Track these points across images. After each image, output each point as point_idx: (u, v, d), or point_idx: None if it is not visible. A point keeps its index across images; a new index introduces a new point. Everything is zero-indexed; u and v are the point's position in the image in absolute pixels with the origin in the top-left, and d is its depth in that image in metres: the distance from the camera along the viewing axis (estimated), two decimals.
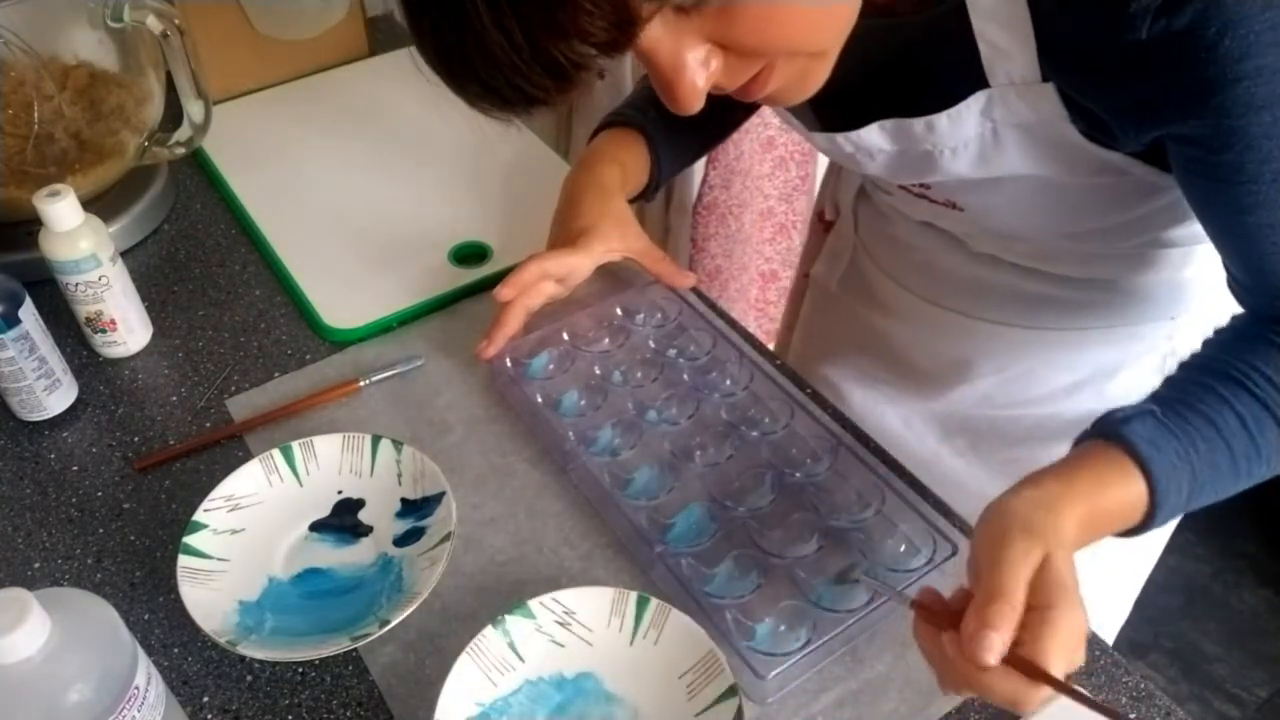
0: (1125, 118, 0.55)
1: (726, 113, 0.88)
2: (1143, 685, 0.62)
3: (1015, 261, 0.77)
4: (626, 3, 0.43)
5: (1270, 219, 0.54)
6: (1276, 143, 0.51)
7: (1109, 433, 0.56)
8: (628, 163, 0.84)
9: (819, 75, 0.54)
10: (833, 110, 0.69)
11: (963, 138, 0.62)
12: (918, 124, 0.63)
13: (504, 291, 0.78)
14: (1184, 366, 0.61)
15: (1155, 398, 0.58)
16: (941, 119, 0.61)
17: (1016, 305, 0.79)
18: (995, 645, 0.47)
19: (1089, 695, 0.49)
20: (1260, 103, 0.49)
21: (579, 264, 0.80)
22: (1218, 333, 0.62)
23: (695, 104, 0.50)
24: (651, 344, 0.81)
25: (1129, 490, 0.54)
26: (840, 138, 0.67)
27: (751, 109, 0.90)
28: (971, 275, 0.80)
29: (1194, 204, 0.58)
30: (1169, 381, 0.60)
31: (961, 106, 0.60)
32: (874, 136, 0.66)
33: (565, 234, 0.81)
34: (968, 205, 0.72)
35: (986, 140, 0.62)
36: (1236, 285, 0.61)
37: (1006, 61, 0.57)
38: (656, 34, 0.47)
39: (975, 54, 0.58)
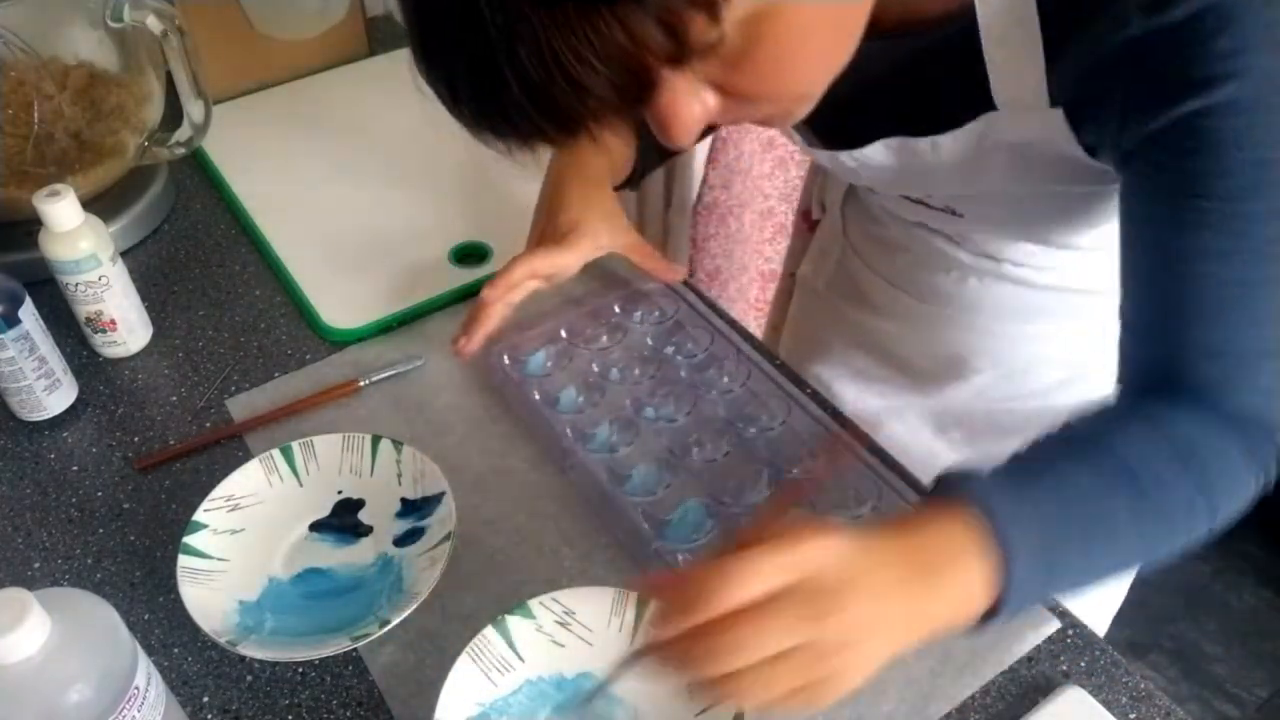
0: (1121, 121, 0.54)
1: None
2: (1143, 685, 0.62)
3: (1010, 260, 0.77)
4: (643, 65, 0.42)
5: (1205, 246, 0.52)
6: (1243, 154, 0.49)
7: (936, 488, 0.52)
8: (614, 149, 0.83)
9: (803, 111, 0.54)
10: (835, 128, 0.69)
11: (965, 155, 0.62)
12: (922, 143, 0.63)
13: (491, 293, 0.77)
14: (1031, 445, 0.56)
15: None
16: (946, 139, 0.61)
17: (1011, 304, 0.79)
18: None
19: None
20: (1242, 106, 0.48)
21: (567, 263, 0.78)
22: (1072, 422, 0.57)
23: (689, 142, 0.50)
24: (649, 341, 0.81)
25: (962, 537, 0.48)
26: (844, 155, 0.67)
27: None
28: (965, 275, 0.80)
29: (1128, 226, 0.56)
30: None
31: (968, 128, 0.60)
32: (878, 154, 0.65)
33: (551, 227, 0.80)
34: (967, 211, 0.72)
35: (989, 157, 0.62)
36: (1128, 336, 0.58)
37: (1015, 85, 0.57)
38: (661, 76, 0.45)
39: (982, 75, 0.57)
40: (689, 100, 0.47)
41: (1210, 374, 0.54)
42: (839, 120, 0.63)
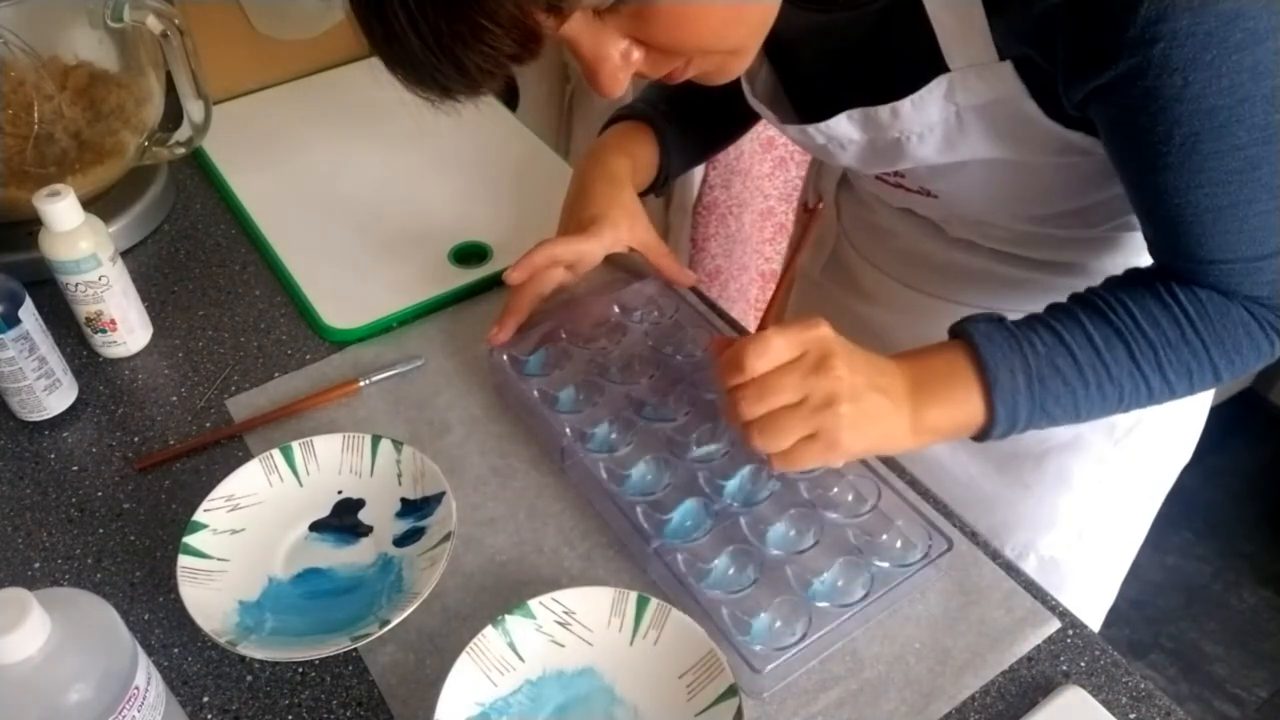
0: (1063, 78, 0.56)
1: (735, 114, 0.89)
2: (1143, 685, 0.62)
3: (992, 246, 0.78)
4: (528, 21, 0.46)
5: (1176, 183, 0.55)
6: (1187, 107, 0.52)
7: (951, 330, 0.63)
8: (637, 155, 0.85)
9: (737, 67, 0.57)
10: (805, 102, 0.72)
11: (928, 123, 0.63)
12: (883, 111, 0.64)
13: (514, 274, 0.78)
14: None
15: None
16: (906, 105, 0.62)
17: (994, 289, 0.80)
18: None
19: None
20: (1174, 65, 0.50)
21: (589, 250, 0.80)
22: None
23: (616, 92, 0.54)
24: (649, 341, 0.81)
25: (956, 358, 0.61)
26: (812, 129, 0.69)
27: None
28: (949, 260, 0.81)
29: (1113, 162, 0.60)
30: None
31: (924, 91, 0.61)
32: (843, 126, 0.67)
33: (575, 222, 0.82)
34: (941, 191, 0.73)
35: (951, 124, 0.63)
36: (1148, 241, 0.63)
37: (962, 44, 0.58)
38: (577, 29, 0.50)
39: (932, 39, 0.59)
40: (608, 50, 0.52)
41: (1214, 276, 0.60)
42: (809, 94, 0.69)
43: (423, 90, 0.52)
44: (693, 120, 0.87)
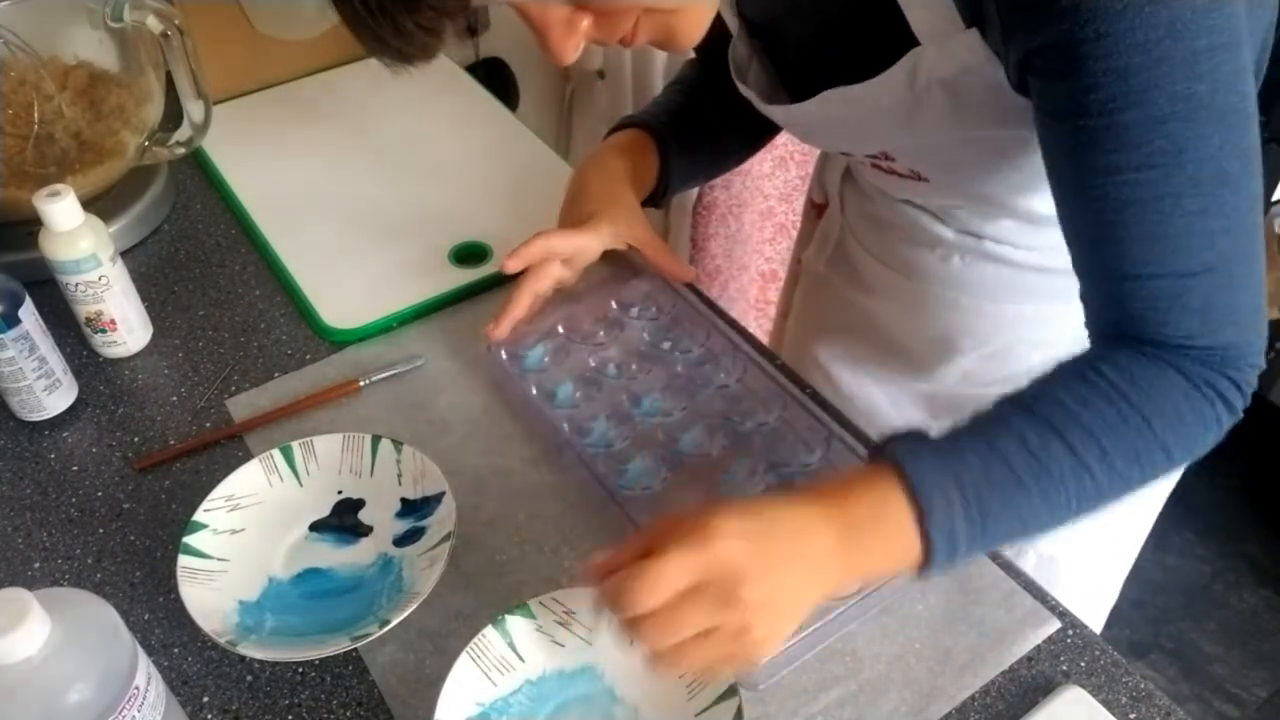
0: (1005, 48, 0.55)
1: (739, 134, 0.89)
2: (1143, 685, 0.62)
3: (990, 237, 0.78)
4: None
5: (1096, 164, 0.52)
6: (1101, 65, 0.50)
7: (872, 453, 0.56)
8: (637, 159, 0.85)
9: (687, 32, 0.58)
10: (793, 83, 0.72)
11: (902, 99, 0.63)
12: (858, 90, 0.64)
13: (511, 263, 0.79)
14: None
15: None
16: (879, 82, 0.63)
17: (993, 282, 0.80)
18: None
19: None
20: (1086, 15, 0.49)
21: (586, 244, 0.80)
22: None
23: (567, 57, 0.55)
24: (646, 336, 0.81)
25: (888, 495, 0.53)
26: (796, 109, 0.69)
27: (770, 134, 0.91)
28: (949, 253, 0.81)
29: (1047, 167, 0.57)
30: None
31: (896, 68, 0.61)
32: (824, 107, 0.67)
33: (573, 219, 0.82)
34: (931, 175, 0.73)
35: (925, 99, 0.62)
36: (1080, 282, 0.59)
37: (928, 15, 0.58)
38: None
39: (900, 15, 0.59)
40: (554, 16, 0.53)
41: (1138, 301, 0.55)
42: (795, 74, 0.70)
43: (380, 54, 0.53)
44: (695, 135, 0.87)
